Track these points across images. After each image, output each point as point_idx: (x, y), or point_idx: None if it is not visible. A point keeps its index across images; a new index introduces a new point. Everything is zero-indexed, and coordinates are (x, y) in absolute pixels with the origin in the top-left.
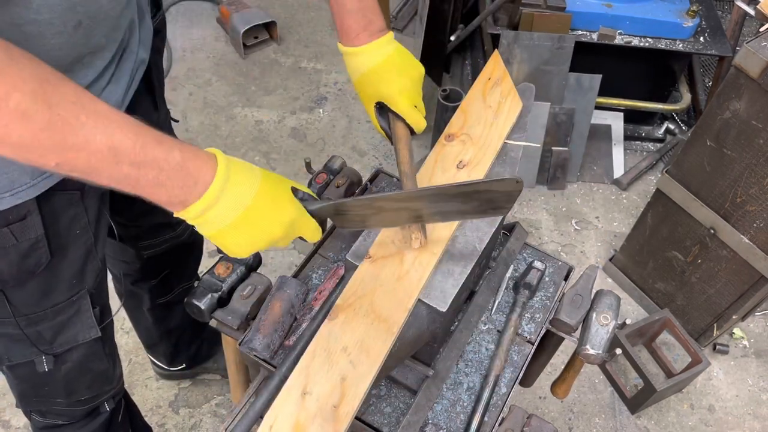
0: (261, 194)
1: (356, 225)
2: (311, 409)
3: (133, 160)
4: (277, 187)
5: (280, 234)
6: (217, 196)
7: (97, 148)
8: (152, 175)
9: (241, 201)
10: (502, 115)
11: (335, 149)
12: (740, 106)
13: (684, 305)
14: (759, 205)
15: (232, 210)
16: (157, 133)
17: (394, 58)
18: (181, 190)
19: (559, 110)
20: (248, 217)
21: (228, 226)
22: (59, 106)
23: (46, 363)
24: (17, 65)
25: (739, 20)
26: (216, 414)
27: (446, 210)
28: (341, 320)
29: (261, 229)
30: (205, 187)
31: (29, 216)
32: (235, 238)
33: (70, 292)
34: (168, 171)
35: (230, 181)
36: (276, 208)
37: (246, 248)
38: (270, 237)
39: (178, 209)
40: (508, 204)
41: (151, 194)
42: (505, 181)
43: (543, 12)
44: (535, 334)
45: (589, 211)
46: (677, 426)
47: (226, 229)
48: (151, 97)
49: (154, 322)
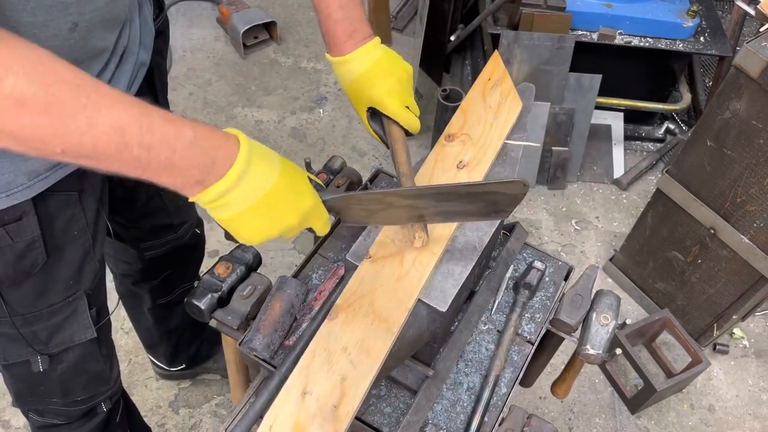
0: (283, 179)
1: (361, 220)
2: (311, 409)
3: (142, 141)
4: (297, 174)
5: (294, 222)
6: (240, 177)
7: (102, 130)
8: (164, 155)
9: (263, 185)
10: (502, 116)
11: (335, 149)
12: (740, 106)
13: (684, 305)
14: (759, 205)
15: (252, 193)
16: (165, 112)
17: (381, 61)
18: (197, 169)
19: (559, 110)
20: (268, 203)
21: (246, 210)
22: (56, 87)
23: (42, 363)
24: (8, 46)
25: (739, 20)
26: (216, 414)
27: (451, 210)
28: (341, 320)
29: (278, 216)
30: (226, 167)
31: (25, 217)
32: (252, 223)
33: (67, 292)
34: (180, 151)
35: (253, 163)
36: (296, 195)
37: (260, 235)
38: (285, 225)
39: (195, 191)
40: (511, 207)
41: (166, 178)
42: (514, 184)
43: (543, 12)
44: (535, 334)
45: (589, 211)
46: (677, 426)
47: (244, 214)
48: (153, 99)
49: (154, 323)
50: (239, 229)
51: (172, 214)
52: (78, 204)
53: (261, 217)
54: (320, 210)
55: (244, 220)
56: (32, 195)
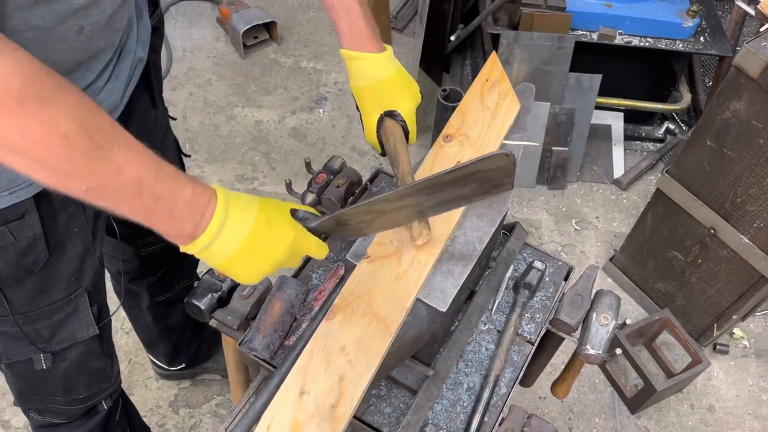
0: (259, 221)
1: (362, 232)
2: (309, 409)
3: (153, 191)
4: (274, 212)
5: (283, 257)
6: (219, 229)
7: (125, 177)
8: (168, 207)
9: (241, 231)
10: (499, 116)
11: (335, 149)
12: (740, 106)
13: (684, 305)
14: (759, 205)
15: (233, 240)
16: (172, 168)
17: (402, 73)
18: (190, 224)
19: (559, 110)
20: (249, 245)
21: (233, 256)
22: (97, 134)
23: (44, 361)
24: (63, 92)
25: (739, 20)
26: (216, 414)
27: (447, 198)
28: (339, 320)
29: (264, 255)
30: (208, 221)
31: (27, 215)
32: (242, 266)
33: (68, 290)
34: (181, 205)
35: (230, 213)
36: (274, 232)
37: (254, 275)
38: (274, 261)
39: (186, 243)
40: (508, 179)
41: (164, 226)
42: (494, 158)
43: (543, 12)
44: (535, 334)
45: (589, 211)
46: (677, 426)
47: (232, 259)
48: (149, 95)
49: (153, 320)
50: (234, 272)
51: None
52: (78, 201)
53: (248, 259)
54: (305, 238)
55: (235, 264)
56: (34, 192)
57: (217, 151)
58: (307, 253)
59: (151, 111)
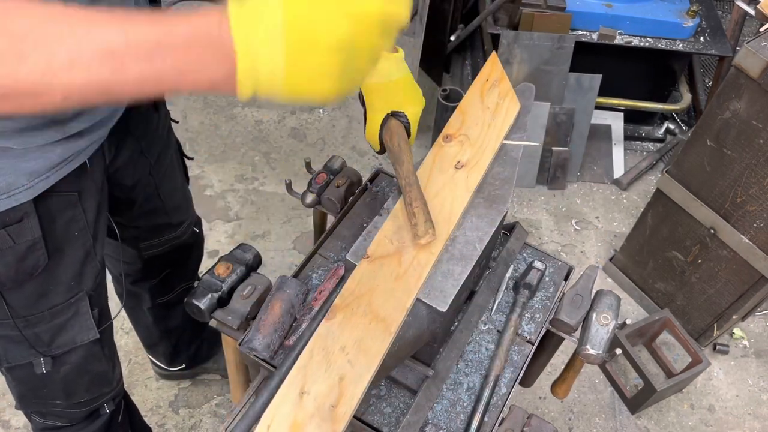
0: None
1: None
2: (309, 409)
3: (137, 55)
4: None
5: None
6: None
7: (89, 58)
8: (169, 62)
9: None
10: (499, 116)
11: (335, 149)
12: (740, 106)
13: (684, 305)
14: (759, 205)
15: (272, 25)
16: (146, 15)
17: (411, 77)
18: (213, 57)
19: (559, 110)
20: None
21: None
22: (27, 30)
23: (45, 365)
24: None
25: (739, 20)
26: (216, 414)
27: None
28: (339, 320)
29: (326, 30)
30: (230, 30)
31: (26, 218)
32: (313, 68)
33: (69, 293)
34: (183, 49)
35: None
36: None
37: (337, 77)
38: (348, 37)
39: (232, 85)
40: None
41: (190, 83)
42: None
43: (543, 12)
44: (535, 334)
45: (589, 211)
46: (677, 426)
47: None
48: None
49: (154, 322)
50: (306, 81)
51: (170, 213)
52: (78, 205)
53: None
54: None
55: (301, 64)
56: (33, 196)
57: (217, 151)
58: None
59: (153, 114)
